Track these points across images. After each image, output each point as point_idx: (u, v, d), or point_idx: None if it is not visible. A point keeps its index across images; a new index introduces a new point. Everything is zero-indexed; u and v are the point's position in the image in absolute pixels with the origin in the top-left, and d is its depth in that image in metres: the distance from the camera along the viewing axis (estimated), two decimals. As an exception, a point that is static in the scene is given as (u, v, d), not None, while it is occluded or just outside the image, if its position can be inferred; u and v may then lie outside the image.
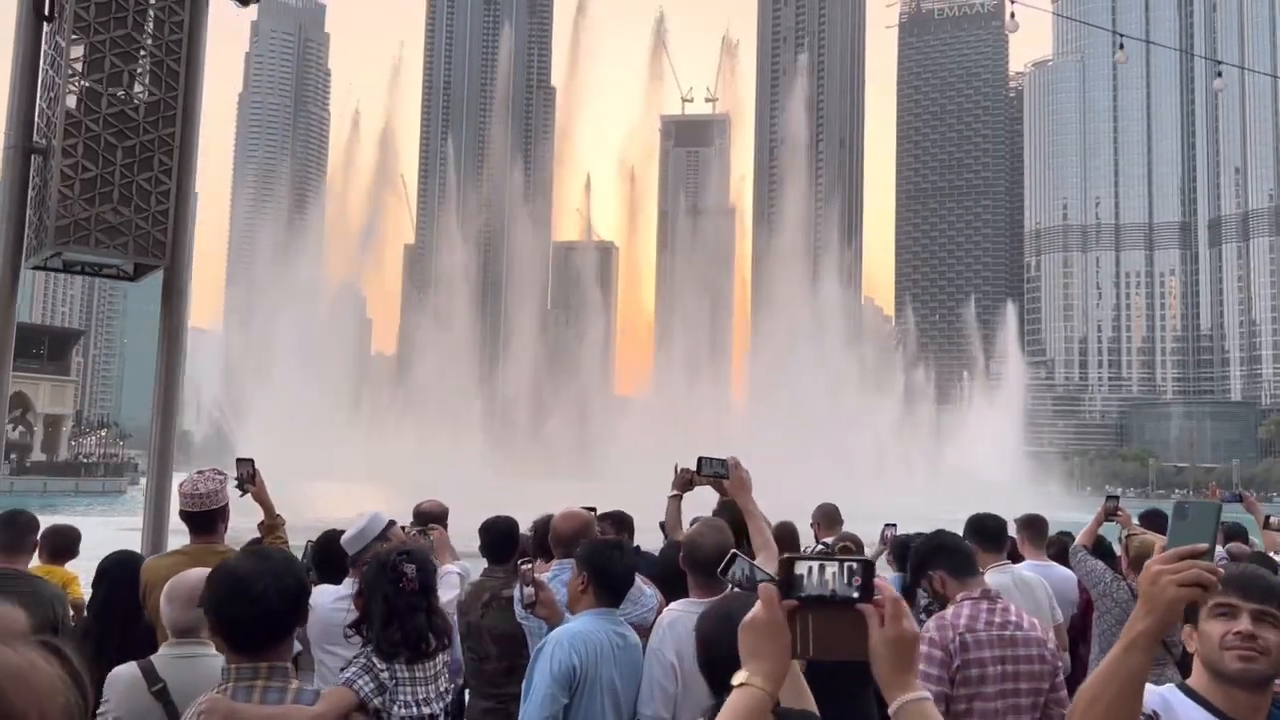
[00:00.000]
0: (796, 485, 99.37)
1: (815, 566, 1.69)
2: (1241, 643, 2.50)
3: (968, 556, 4.53)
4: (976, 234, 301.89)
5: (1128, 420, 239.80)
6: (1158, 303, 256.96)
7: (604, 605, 4.33)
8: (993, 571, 5.71)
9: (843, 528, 8.18)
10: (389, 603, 3.89)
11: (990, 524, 5.97)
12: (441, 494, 7.62)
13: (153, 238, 7.60)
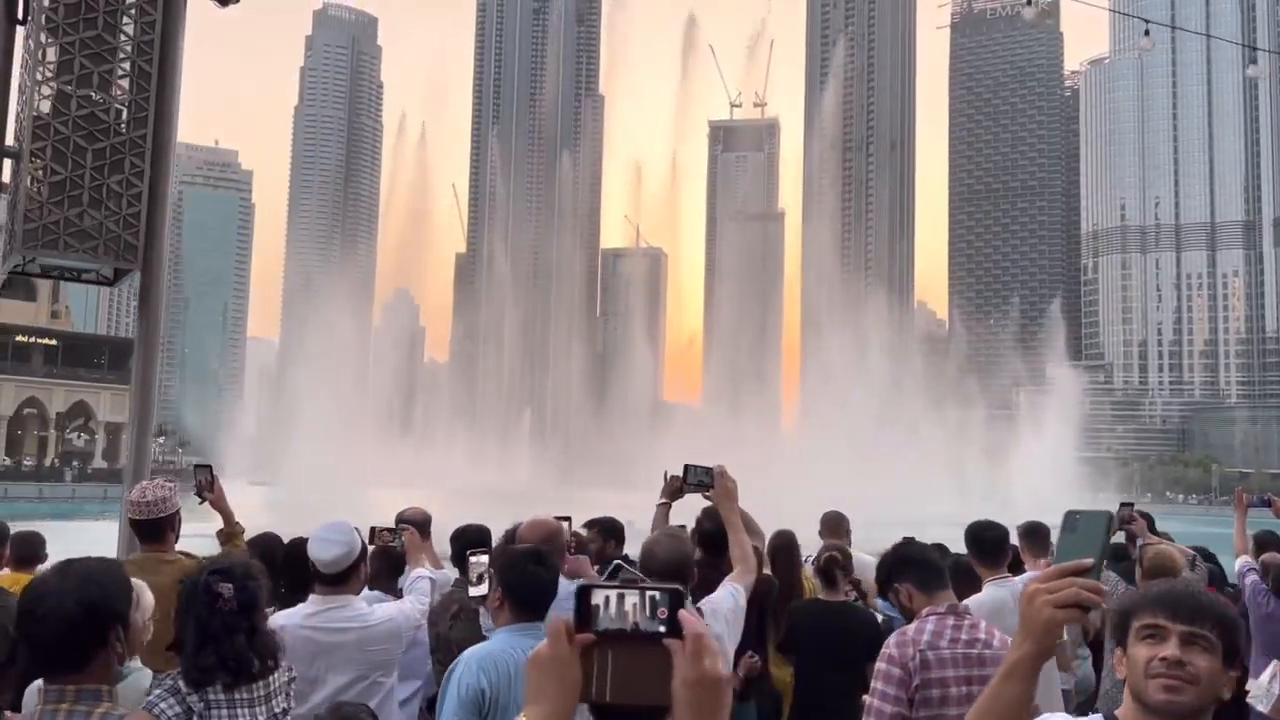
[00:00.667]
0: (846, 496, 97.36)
1: (614, 596, 1.45)
2: (1167, 670, 2.19)
3: (936, 569, 4.28)
4: (1032, 235, 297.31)
5: (1190, 425, 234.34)
6: (1220, 304, 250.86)
7: (522, 620, 4.11)
8: (991, 585, 5.54)
9: (851, 536, 7.88)
10: (202, 625, 3.61)
11: (989, 534, 5.79)
12: (490, 501, 7.57)
13: (124, 241, 7.35)
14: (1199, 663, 2.16)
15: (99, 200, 7.11)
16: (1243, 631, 2.22)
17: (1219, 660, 2.14)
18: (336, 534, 4.74)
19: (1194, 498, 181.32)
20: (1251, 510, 7.56)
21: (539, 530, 5.13)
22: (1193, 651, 2.16)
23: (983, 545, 5.72)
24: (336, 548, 4.66)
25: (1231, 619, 2.18)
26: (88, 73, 7.11)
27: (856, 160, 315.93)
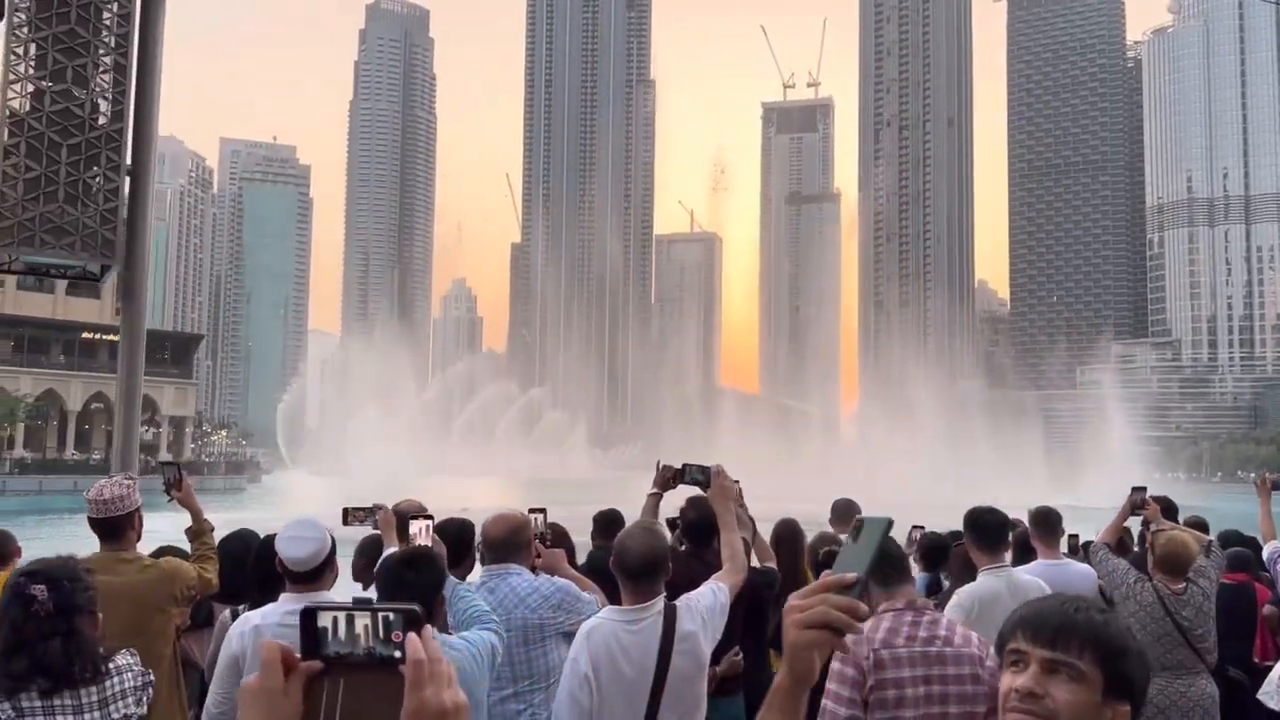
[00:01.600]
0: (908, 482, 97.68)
1: (343, 618, 1.26)
2: (1019, 702, 1.87)
3: (896, 563, 4.03)
4: (1095, 211, 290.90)
5: (1262, 401, 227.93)
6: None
7: None
8: (986, 573, 5.39)
9: None
10: (16, 629, 3.39)
11: (988, 520, 5.56)
12: (550, 489, 7.41)
13: (101, 237, 7.15)
14: (1059, 694, 1.80)
15: (75, 196, 6.98)
16: (1137, 657, 1.79)
17: (1092, 692, 1.77)
18: (307, 531, 4.56)
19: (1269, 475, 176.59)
20: (1276, 493, 7.28)
21: (504, 524, 4.99)
22: (1053, 681, 1.81)
23: (981, 531, 5.50)
24: (308, 545, 4.47)
25: (1115, 643, 1.79)
26: (62, 68, 6.96)
27: (913, 138, 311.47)
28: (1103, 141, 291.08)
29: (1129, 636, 1.80)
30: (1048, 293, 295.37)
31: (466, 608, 4.40)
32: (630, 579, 3.90)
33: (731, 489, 4.52)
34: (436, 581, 3.94)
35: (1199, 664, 5.60)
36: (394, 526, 5.50)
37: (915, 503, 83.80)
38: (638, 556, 3.86)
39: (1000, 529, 5.60)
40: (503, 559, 4.73)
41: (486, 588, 4.71)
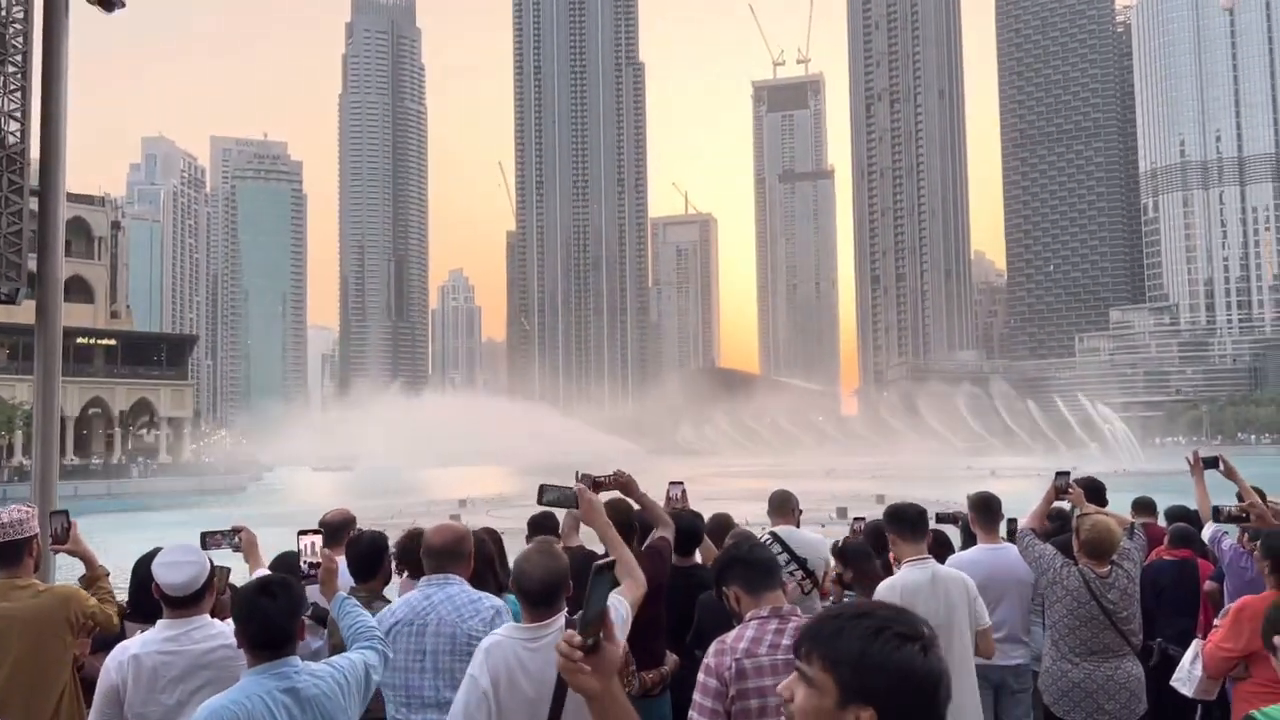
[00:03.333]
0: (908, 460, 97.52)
1: None
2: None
3: (765, 568, 3.91)
4: (1089, 178, 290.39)
5: (1262, 363, 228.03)
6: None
7: (261, 661, 3.72)
8: (908, 566, 5.48)
9: (800, 515, 7.37)
10: None
11: (908, 513, 5.64)
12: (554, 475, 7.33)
13: (5, 259, 6.84)
14: (797, 699, 1.89)
15: (-32, 219, 6.32)
16: (875, 664, 1.78)
17: (824, 697, 1.82)
18: (186, 555, 4.40)
19: (1267, 438, 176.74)
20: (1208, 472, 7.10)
21: (445, 534, 4.89)
22: (798, 686, 1.90)
23: (904, 522, 5.57)
24: (187, 570, 4.33)
25: (843, 652, 1.81)
26: (-54, 84, 6.38)
27: (905, 112, 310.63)
28: (1094, 108, 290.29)
29: (868, 644, 1.79)
30: (1044, 261, 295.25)
31: (353, 623, 4.33)
32: (530, 603, 3.81)
33: (599, 507, 4.39)
34: (294, 608, 3.82)
35: (1124, 646, 5.74)
36: (257, 549, 5.39)
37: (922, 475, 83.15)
38: (537, 582, 3.78)
39: (919, 520, 5.66)
40: (442, 568, 4.65)
41: (422, 594, 4.58)
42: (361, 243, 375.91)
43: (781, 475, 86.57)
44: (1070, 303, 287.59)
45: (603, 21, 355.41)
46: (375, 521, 43.10)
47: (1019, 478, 70.26)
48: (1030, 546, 6.03)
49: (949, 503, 34.04)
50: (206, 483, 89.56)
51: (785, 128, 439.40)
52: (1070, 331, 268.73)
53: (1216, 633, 5.05)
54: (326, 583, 4.52)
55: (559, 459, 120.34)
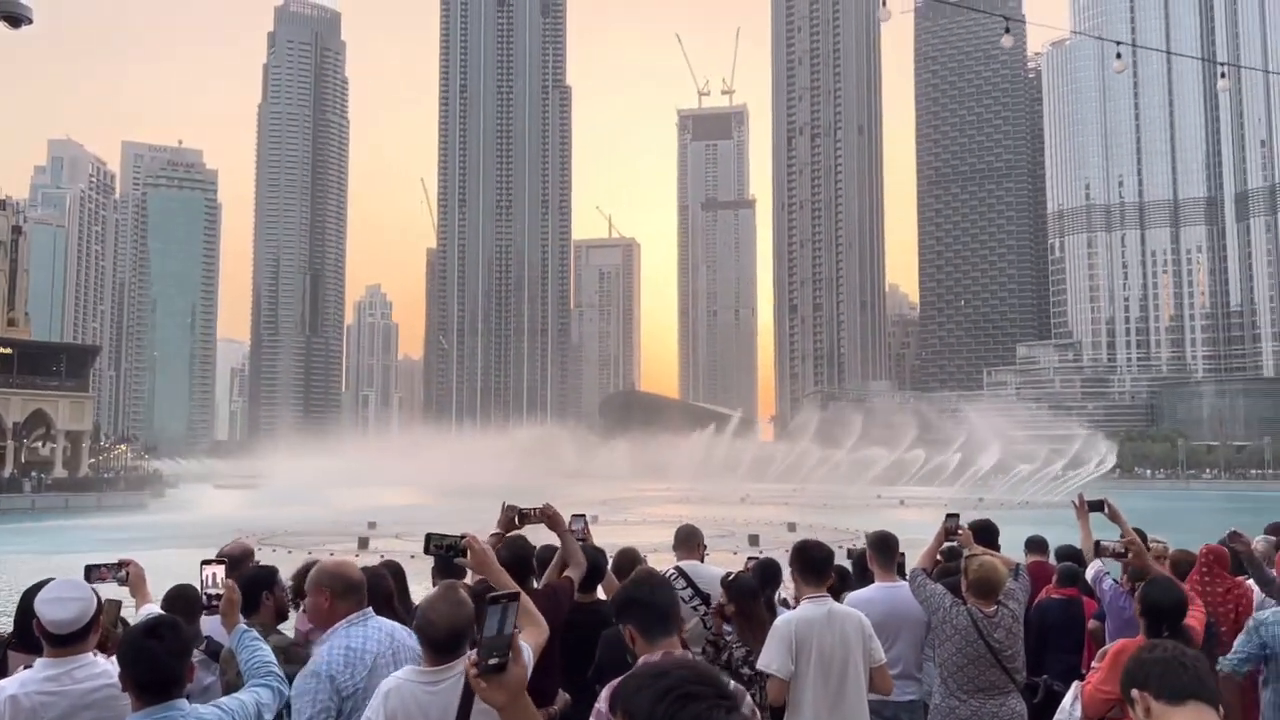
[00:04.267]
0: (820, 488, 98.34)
1: None
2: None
3: (662, 613, 3.87)
4: (999, 217, 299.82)
5: (1158, 400, 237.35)
6: (1185, 280, 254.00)
7: (147, 705, 3.61)
8: (807, 601, 5.63)
9: (705, 550, 7.41)
10: None
11: (813, 553, 5.77)
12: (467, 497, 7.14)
13: None
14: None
15: None
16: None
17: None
18: (71, 591, 4.23)
19: (1161, 472, 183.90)
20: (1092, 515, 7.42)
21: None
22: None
23: (807, 564, 5.73)
24: (72, 607, 4.15)
25: (643, 712, 1.96)
26: None
27: (825, 146, 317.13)
28: (1006, 149, 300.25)
29: (655, 704, 1.92)
30: (955, 296, 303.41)
31: (250, 658, 4.26)
32: (433, 650, 3.78)
33: (490, 558, 4.33)
34: (182, 649, 3.71)
35: (1009, 684, 5.90)
36: (145, 583, 5.23)
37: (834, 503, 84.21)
38: (443, 630, 3.74)
39: (822, 562, 5.80)
40: (361, 604, 4.54)
41: (371, 627, 4.48)
42: (277, 255, 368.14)
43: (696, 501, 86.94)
44: (979, 337, 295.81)
45: (530, 43, 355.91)
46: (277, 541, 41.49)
47: (928, 507, 71.75)
48: (921, 586, 6.16)
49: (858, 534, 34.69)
50: (105, 499, 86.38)
51: (709, 157, 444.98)
52: (979, 365, 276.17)
53: (1095, 674, 5.13)
54: (228, 614, 4.45)
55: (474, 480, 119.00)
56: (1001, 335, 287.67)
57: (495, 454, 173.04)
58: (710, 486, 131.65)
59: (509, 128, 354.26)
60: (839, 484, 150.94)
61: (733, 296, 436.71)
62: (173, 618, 3.91)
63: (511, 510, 5.91)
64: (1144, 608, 5.16)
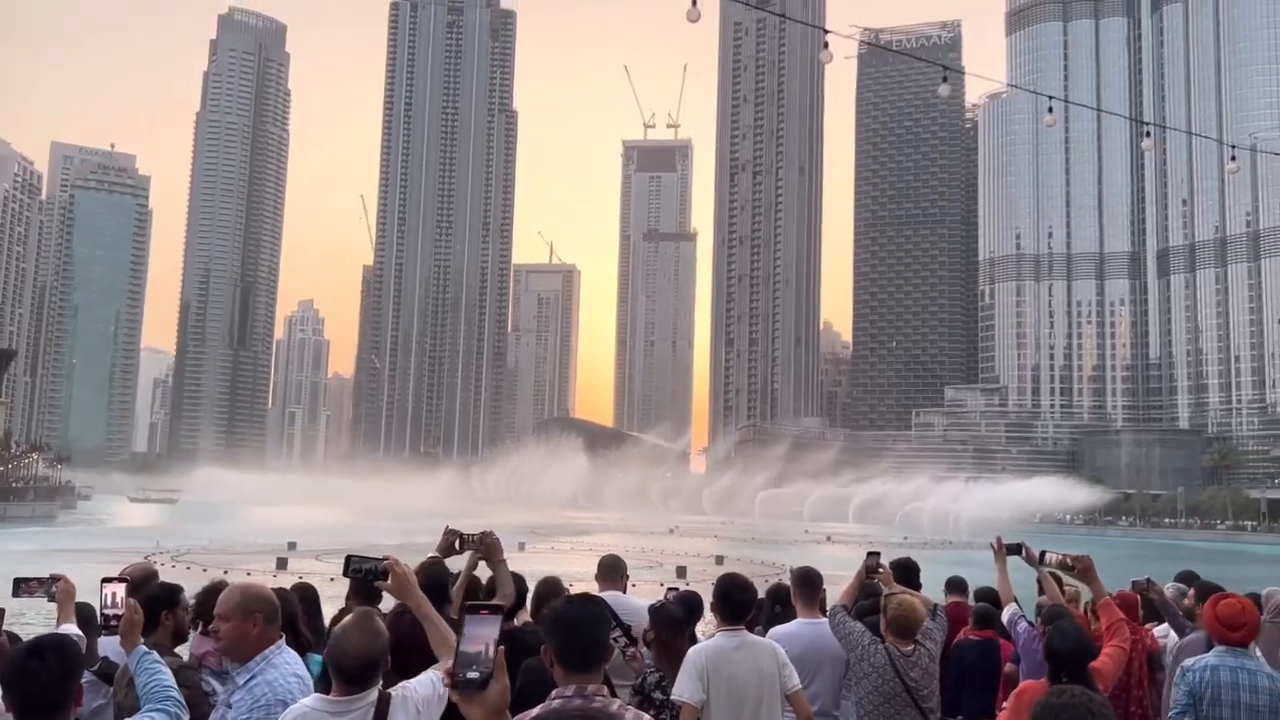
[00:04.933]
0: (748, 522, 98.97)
1: None
2: None
3: (582, 651, 3.51)
4: (933, 261, 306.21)
5: (1079, 447, 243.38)
6: (1108, 331, 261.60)
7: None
8: (722, 633, 5.72)
9: (628, 581, 7.34)
10: None
11: (735, 597, 5.81)
12: (397, 518, 6.89)
13: None
14: None
15: None
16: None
17: None
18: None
19: (1080, 518, 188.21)
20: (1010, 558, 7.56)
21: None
22: None
23: (728, 605, 5.79)
24: None
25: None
26: None
27: (766, 184, 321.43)
28: (941, 196, 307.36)
29: None
30: (888, 337, 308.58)
31: (148, 680, 4.12)
32: (344, 680, 3.66)
33: (411, 583, 4.18)
34: (67, 672, 3.52)
35: None
36: (73, 599, 5.09)
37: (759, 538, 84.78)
38: (356, 660, 3.64)
39: (745, 606, 5.86)
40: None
41: (283, 659, 4.34)
42: (208, 265, 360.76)
43: (626, 530, 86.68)
44: (909, 378, 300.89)
45: (479, 65, 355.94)
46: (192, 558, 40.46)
47: (853, 543, 72.39)
48: (841, 623, 6.22)
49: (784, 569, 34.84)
50: (12, 509, 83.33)
51: (653, 188, 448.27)
52: (908, 406, 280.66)
53: (1003, 715, 5.18)
54: (128, 635, 4.29)
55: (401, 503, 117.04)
56: (931, 377, 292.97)
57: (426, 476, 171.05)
58: (641, 516, 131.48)
59: (453, 148, 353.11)
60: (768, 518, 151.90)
61: (670, 328, 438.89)
62: (59, 637, 3.73)
63: (453, 534, 5.77)
64: (1046, 653, 5.20)
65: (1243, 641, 5.30)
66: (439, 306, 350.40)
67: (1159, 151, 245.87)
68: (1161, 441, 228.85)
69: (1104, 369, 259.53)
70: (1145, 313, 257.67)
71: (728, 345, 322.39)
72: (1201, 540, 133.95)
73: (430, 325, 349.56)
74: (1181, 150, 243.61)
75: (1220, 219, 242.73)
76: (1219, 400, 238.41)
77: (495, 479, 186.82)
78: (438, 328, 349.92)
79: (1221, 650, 5.29)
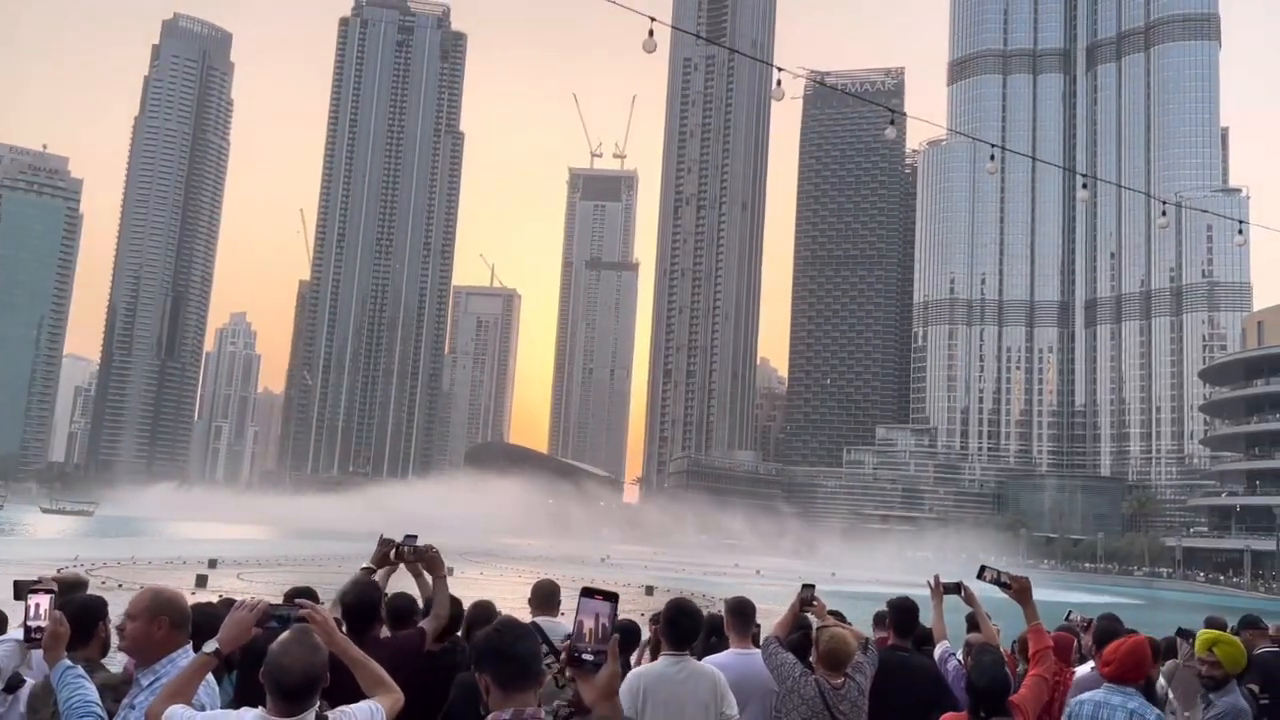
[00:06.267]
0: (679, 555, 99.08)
1: None
2: None
3: (522, 665, 3.54)
4: (869, 302, 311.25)
5: (1005, 490, 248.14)
6: (1036, 378, 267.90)
7: None
8: (665, 657, 5.78)
9: (560, 608, 7.18)
10: None
11: (683, 623, 5.84)
12: (320, 541, 6.78)
13: None
14: None
15: None
16: None
17: None
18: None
19: (1004, 559, 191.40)
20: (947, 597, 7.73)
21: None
22: None
23: (675, 630, 5.80)
24: None
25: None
26: None
27: (709, 218, 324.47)
28: (879, 238, 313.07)
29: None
30: (822, 374, 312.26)
31: (70, 696, 4.00)
32: (284, 698, 3.53)
33: (332, 628, 4.08)
34: None
35: None
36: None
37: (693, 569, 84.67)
38: (297, 676, 3.52)
39: (692, 632, 5.90)
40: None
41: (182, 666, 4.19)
42: (138, 273, 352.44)
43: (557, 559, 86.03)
44: (842, 415, 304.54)
45: (427, 85, 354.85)
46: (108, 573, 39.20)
47: (782, 579, 72.65)
48: (774, 654, 6.21)
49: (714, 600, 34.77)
50: (-85, 517, 79.93)
51: (597, 217, 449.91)
52: (840, 443, 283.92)
53: None
54: (51, 648, 4.13)
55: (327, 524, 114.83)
56: (863, 415, 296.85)
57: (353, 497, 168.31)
58: (572, 544, 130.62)
59: (397, 166, 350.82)
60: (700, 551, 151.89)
61: (609, 356, 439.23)
62: None
63: (388, 544, 5.57)
64: (966, 687, 5.28)
65: (1120, 678, 5.46)
66: (375, 325, 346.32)
67: (1090, 204, 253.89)
68: (1084, 487, 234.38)
69: (1031, 414, 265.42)
70: (1072, 360, 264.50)
71: (665, 376, 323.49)
72: (1119, 585, 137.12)
73: (365, 343, 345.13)
74: (1111, 204, 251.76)
75: (1146, 272, 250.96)
76: (1139, 449, 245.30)
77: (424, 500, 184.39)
78: (373, 346, 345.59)
79: (1109, 687, 5.46)
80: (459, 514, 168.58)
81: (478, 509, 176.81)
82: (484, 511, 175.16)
